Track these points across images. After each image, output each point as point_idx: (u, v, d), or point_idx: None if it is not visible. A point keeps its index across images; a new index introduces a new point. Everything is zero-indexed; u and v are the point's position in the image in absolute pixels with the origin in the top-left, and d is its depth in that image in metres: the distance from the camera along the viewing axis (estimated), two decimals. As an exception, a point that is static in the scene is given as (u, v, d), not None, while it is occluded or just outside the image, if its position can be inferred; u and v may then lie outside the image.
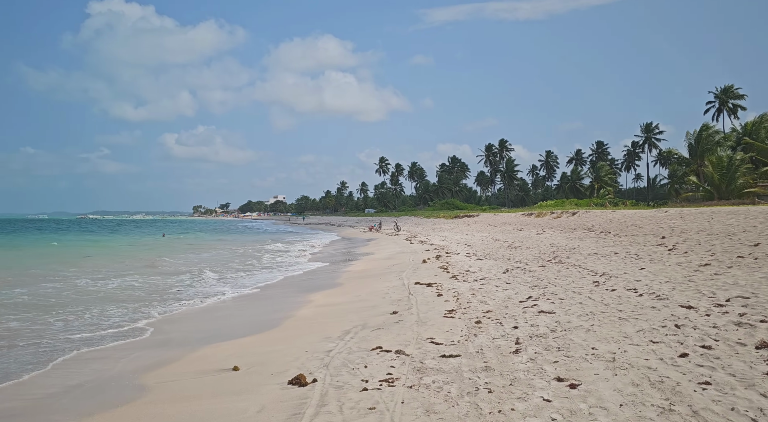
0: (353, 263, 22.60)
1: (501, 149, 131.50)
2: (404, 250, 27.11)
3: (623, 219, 25.00)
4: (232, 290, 15.50)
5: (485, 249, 22.06)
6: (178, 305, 12.97)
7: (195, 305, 13.16)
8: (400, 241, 35.41)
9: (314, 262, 24.79)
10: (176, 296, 14.59)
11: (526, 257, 17.03)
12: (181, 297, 14.27)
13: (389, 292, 12.45)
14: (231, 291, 15.33)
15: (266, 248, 36.37)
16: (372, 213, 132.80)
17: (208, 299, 14.10)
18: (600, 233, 21.68)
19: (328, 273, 19.57)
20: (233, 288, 16.10)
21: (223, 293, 14.85)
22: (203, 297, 14.31)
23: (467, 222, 48.33)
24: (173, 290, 15.77)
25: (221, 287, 16.17)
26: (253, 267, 22.72)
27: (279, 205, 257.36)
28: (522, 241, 23.88)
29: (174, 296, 14.46)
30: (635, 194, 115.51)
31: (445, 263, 18.03)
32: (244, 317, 11.26)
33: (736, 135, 56.24)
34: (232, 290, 15.52)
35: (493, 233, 32.02)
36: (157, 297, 14.25)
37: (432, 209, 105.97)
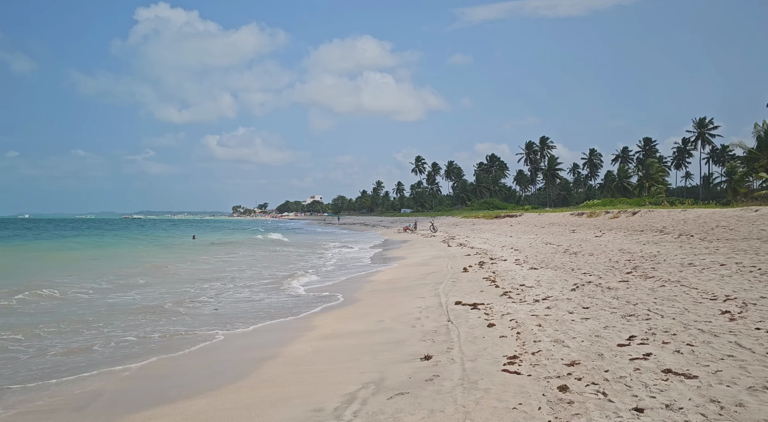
0: (381, 270, 19.54)
1: (542, 146, 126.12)
2: (441, 254, 23.87)
3: (701, 220, 21.08)
4: (215, 304, 12.67)
5: (537, 255, 18.63)
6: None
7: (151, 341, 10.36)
8: (436, 243, 32.15)
9: (336, 267, 21.87)
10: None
11: (595, 267, 13.59)
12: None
13: (421, 317, 9.30)
14: (214, 304, 12.51)
15: (285, 250, 33.79)
16: (408, 213, 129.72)
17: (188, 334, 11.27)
18: (679, 237, 17.91)
19: (347, 283, 16.58)
20: (222, 304, 13.26)
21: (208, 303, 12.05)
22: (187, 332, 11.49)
23: (509, 223, 44.60)
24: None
25: (206, 300, 13.38)
26: (260, 276, 19.96)
27: (316, 205, 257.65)
28: (580, 245, 20.31)
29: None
30: (685, 193, 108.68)
31: (492, 273, 14.75)
32: (211, 354, 8.26)
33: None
34: (215, 304, 12.69)
35: (542, 235, 28.40)
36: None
37: (470, 209, 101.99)
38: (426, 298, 11.57)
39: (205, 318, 11.04)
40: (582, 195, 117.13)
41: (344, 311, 11.08)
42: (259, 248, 36.46)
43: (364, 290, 14.38)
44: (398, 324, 8.93)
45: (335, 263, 23.37)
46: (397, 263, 22.14)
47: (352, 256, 27.73)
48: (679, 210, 26.15)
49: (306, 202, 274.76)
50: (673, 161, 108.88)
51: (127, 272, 20.00)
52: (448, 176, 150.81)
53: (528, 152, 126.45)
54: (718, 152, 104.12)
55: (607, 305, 8.63)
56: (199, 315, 11.39)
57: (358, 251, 31.05)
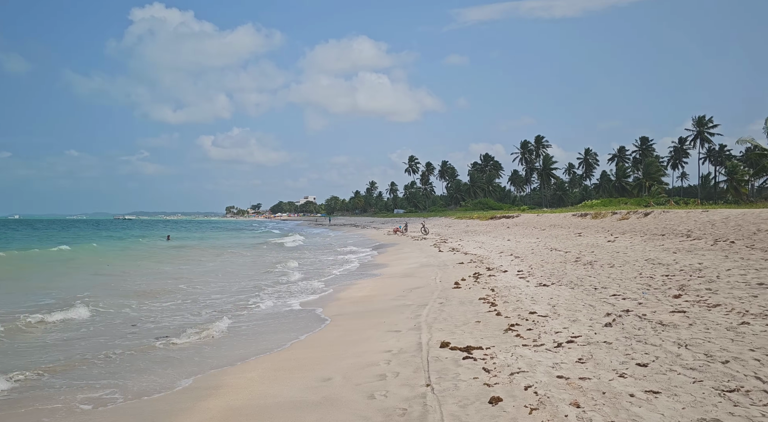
0: (356, 283, 16.36)
1: (537, 146, 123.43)
2: (430, 262, 20.74)
3: (732, 222, 18.07)
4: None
5: (544, 265, 15.52)
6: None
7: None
8: (426, 247, 29.03)
9: (303, 277, 18.65)
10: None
11: (624, 286, 10.49)
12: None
13: (388, 375, 6.14)
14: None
15: (265, 254, 30.54)
16: (401, 214, 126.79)
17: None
18: (716, 244, 14.85)
19: (310, 303, 13.38)
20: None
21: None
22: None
23: (506, 224, 41.54)
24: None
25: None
26: (208, 295, 16.71)
27: (309, 205, 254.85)
28: (593, 252, 17.22)
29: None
30: (682, 193, 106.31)
31: (490, 291, 11.62)
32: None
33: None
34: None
35: (544, 239, 25.32)
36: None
37: (464, 210, 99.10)
38: (402, 332, 8.41)
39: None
40: (577, 195, 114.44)
41: (284, 354, 7.87)
42: (234, 251, 33.21)
43: (326, 314, 11.20)
44: (349, 389, 5.76)
45: (305, 273, 20.17)
46: (378, 273, 18.98)
47: (330, 262, 24.53)
48: (700, 211, 23.15)
49: (299, 202, 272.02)
50: (670, 161, 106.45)
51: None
52: (442, 176, 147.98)
53: (523, 151, 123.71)
54: (715, 152, 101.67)
55: (676, 361, 5.50)
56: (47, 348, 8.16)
57: (337, 256, 27.86)
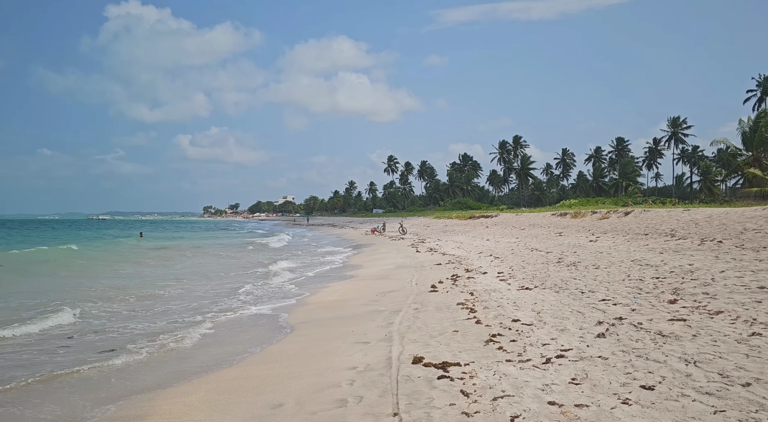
0: (328, 286, 15.38)
1: (515, 146, 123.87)
2: (407, 263, 19.86)
3: (716, 221, 17.57)
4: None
5: (525, 266, 14.76)
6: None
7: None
8: (403, 247, 28.16)
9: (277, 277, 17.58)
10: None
11: (613, 289, 9.74)
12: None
13: (349, 400, 5.19)
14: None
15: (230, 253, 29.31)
16: (380, 213, 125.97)
17: None
18: (703, 243, 14.25)
19: (275, 308, 12.37)
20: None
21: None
22: None
23: (485, 224, 40.91)
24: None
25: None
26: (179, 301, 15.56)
27: (288, 205, 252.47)
28: (576, 252, 16.53)
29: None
30: (657, 193, 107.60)
31: (469, 295, 10.77)
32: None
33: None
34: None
35: (524, 239, 24.66)
36: None
37: (443, 209, 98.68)
38: (371, 344, 7.48)
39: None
40: (555, 195, 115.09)
41: (234, 372, 6.86)
42: (208, 251, 31.88)
43: (291, 321, 10.21)
44: (302, 420, 4.81)
45: (276, 275, 19.09)
46: (352, 275, 18.02)
47: (302, 264, 23.48)
48: (681, 210, 22.72)
49: (278, 202, 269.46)
50: (645, 161, 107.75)
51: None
52: (421, 176, 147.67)
53: (501, 151, 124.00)
54: (689, 153, 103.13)
55: (687, 383, 4.68)
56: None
57: (311, 258, 26.81)
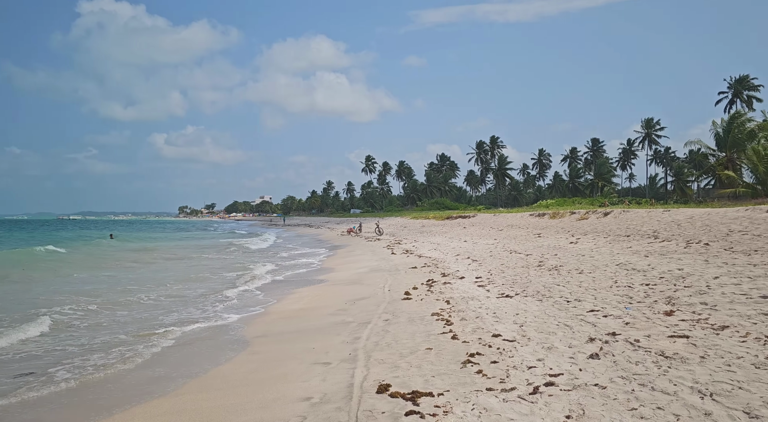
0: (296, 292, 14.32)
1: (492, 146, 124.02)
2: (381, 265, 18.92)
3: (699, 222, 17.05)
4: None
5: (504, 270, 13.94)
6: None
7: None
8: (379, 249, 27.23)
9: (241, 282, 16.44)
10: None
11: (601, 297, 8.94)
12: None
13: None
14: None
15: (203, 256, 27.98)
16: (357, 213, 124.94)
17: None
18: (689, 246, 13.60)
19: (236, 318, 11.29)
20: None
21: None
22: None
23: (462, 224, 40.23)
24: None
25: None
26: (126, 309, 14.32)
27: (265, 205, 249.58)
28: (557, 255, 15.79)
29: None
30: (631, 193, 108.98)
31: (445, 304, 9.88)
32: None
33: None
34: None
35: (502, 240, 23.94)
36: None
37: (420, 210, 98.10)
38: (332, 365, 6.51)
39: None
40: (531, 195, 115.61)
41: (168, 403, 5.80)
42: (173, 253, 30.43)
43: (249, 335, 9.17)
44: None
45: (243, 279, 17.95)
46: (323, 279, 17.00)
47: (272, 267, 22.33)
48: (661, 210, 22.26)
49: (255, 202, 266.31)
50: (619, 162, 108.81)
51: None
52: (399, 176, 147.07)
53: (479, 151, 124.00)
54: (661, 154, 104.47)
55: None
56: None
57: (282, 260, 25.67)
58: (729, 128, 48.55)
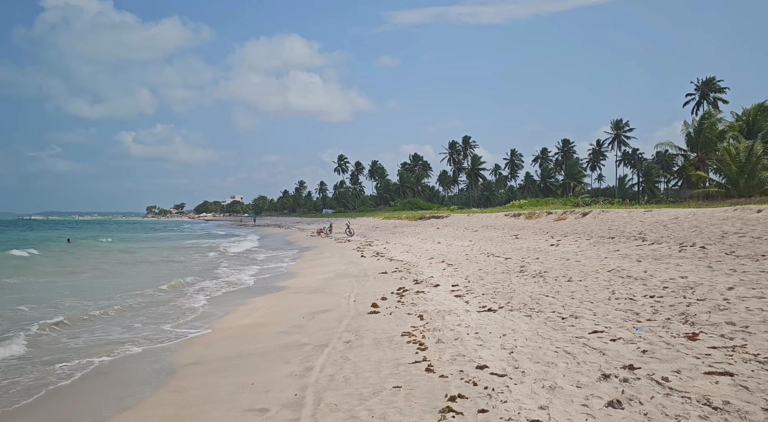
0: (250, 302, 12.65)
1: (465, 146, 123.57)
2: (349, 270, 17.37)
3: (687, 223, 16.03)
4: None
5: (483, 276, 12.55)
6: None
7: None
8: (348, 251, 25.65)
9: (194, 291, 14.67)
10: None
11: (600, 312, 7.60)
12: None
13: None
14: None
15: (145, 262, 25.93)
16: (330, 214, 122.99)
17: None
18: (682, 249, 12.45)
19: (160, 342, 9.61)
20: None
21: None
22: None
23: (436, 225, 38.96)
24: None
25: None
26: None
27: (236, 205, 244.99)
28: (538, 259, 14.49)
29: None
30: (600, 193, 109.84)
31: (418, 320, 8.41)
32: None
33: (745, 123, 49.00)
34: None
35: (478, 242, 22.65)
36: None
37: (393, 209, 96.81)
38: (270, 414, 4.95)
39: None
40: (504, 196, 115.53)
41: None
42: (118, 258, 28.23)
43: (178, 362, 7.52)
44: None
45: (194, 287, 16.15)
46: (284, 286, 15.36)
47: (230, 272, 20.54)
48: (642, 211, 21.30)
49: (226, 202, 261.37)
50: (589, 163, 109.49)
51: None
52: (372, 176, 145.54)
53: (451, 151, 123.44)
54: (629, 155, 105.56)
55: None
56: None
57: (243, 264, 23.86)
58: (700, 128, 48.53)
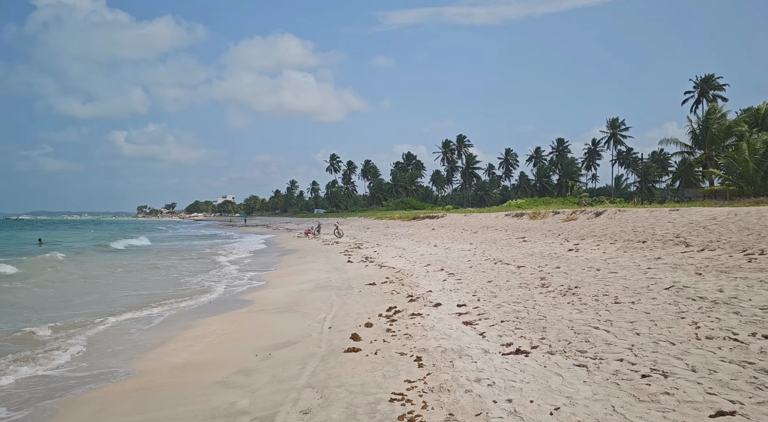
0: (198, 323, 9.87)
1: (459, 145, 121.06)
2: (330, 280, 14.61)
3: (730, 224, 13.43)
4: None
5: (495, 291, 9.83)
6: None
7: None
8: (334, 255, 22.91)
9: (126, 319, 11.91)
10: None
11: (694, 359, 4.91)
12: None
13: None
14: None
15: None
16: (321, 214, 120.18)
17: None
18: (749, 256, 9.82)
19: (57, 390, 6.86)
20: None
21: None
22: None
23: (431, 225, 36.28)
24: None
25: None
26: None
27: (227, 205, 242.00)
28: (558, 268, 11.80)
29: None
30: (595, 193, 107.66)
31: (416, 368, 5.67)
32: None
33: (753, 118, 46.71)
34: None
35: (480, 245, 19.96)
36: None
37: (385, 209, 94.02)
38: None
39: None
40: (498, 196, 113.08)
41: None
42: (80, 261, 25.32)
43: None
44: None
45: (143, 302, 13.32)
46: (249, 300, 12.59)
47: (195, 281, 17.71)
48: (667, 210, 18.69)
49: (217, 202, 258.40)
50: (584, 162, 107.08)
51: None
52: (365, 176, 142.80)
53: (445, 150, 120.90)
54: (623, 154, 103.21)
55: None
56: None
57: (211, 270, 21.01)
58: (706, 124, 46.16)
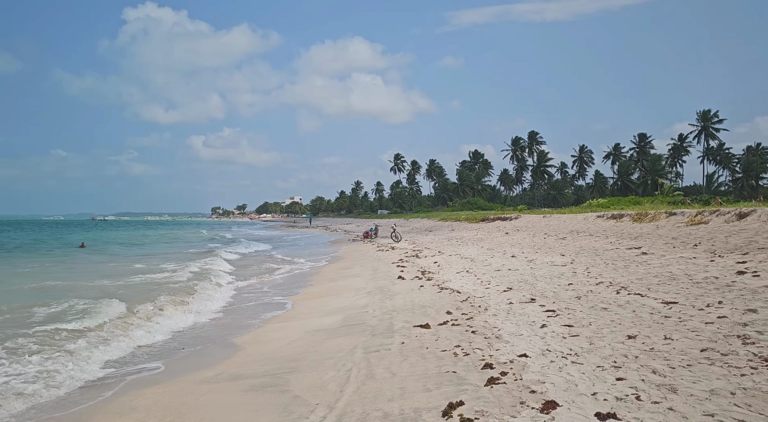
0: (127, 395, 5.76)
1: (531, 142, 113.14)
2: (368, 309, 10.15)
3: None
4: None
5: (649, 363, 5.00)
6: None
7: None
8: (384, 265, 18.47)
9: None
10: None
11: None
12: None
13: None
14: None
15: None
16: (385, 214, 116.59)
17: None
18: None
19: None
20: None
21: None
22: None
23: (503, 228, 31.04)
24: None
25: None
26: None
27: (294, 206, 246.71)
28: (758, 312, 6.76)
29: None
30: (684, 193, 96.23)
31: None
32: None
33: None
34: None
35: (575, 256, 14.80)
36: None
37: (451, 210, 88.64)
38: None
39: None
40: (571, 196, 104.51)
41: None
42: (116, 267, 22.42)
43: None
44: None
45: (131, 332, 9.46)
46: (238, 344, 8.39)
47: (198, 302, 13.80)
48: None
49: (285, 203, 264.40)
50: (668, 159, 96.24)
51: None
52: (429, 176, 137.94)
53: (514, 148, 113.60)
54: (713, 150, 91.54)
55: None
56: None
57: (234, 282, 17.11)
58: None
